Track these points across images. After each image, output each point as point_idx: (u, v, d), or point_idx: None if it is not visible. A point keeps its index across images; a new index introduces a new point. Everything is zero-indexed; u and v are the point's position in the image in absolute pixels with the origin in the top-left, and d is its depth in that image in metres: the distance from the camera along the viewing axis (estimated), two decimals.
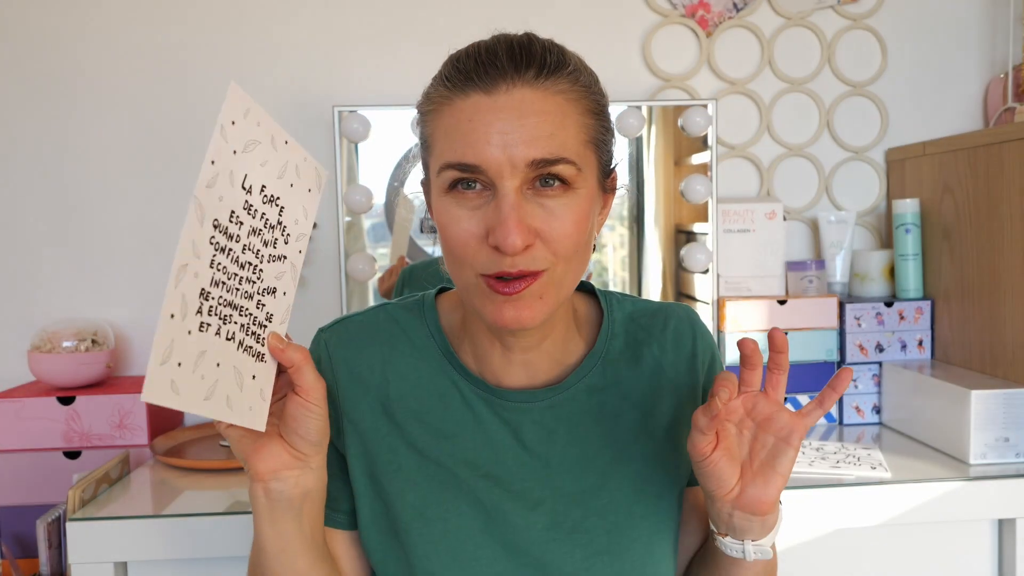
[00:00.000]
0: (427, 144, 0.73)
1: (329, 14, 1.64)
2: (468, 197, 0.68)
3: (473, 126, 0.67)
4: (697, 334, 0.84)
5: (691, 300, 1.62)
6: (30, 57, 1.61)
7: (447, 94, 0.69)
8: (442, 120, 0.69)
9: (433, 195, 0.72)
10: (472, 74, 0.67)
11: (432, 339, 0.80)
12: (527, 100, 0.67)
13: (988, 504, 1.24)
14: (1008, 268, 1.38)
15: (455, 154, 0.67)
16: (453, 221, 0.68)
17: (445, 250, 0.71)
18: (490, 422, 0.78)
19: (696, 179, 1.55)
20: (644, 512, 0.79)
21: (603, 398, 0.79)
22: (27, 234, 1.63)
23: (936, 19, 1.74)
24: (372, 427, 0.78)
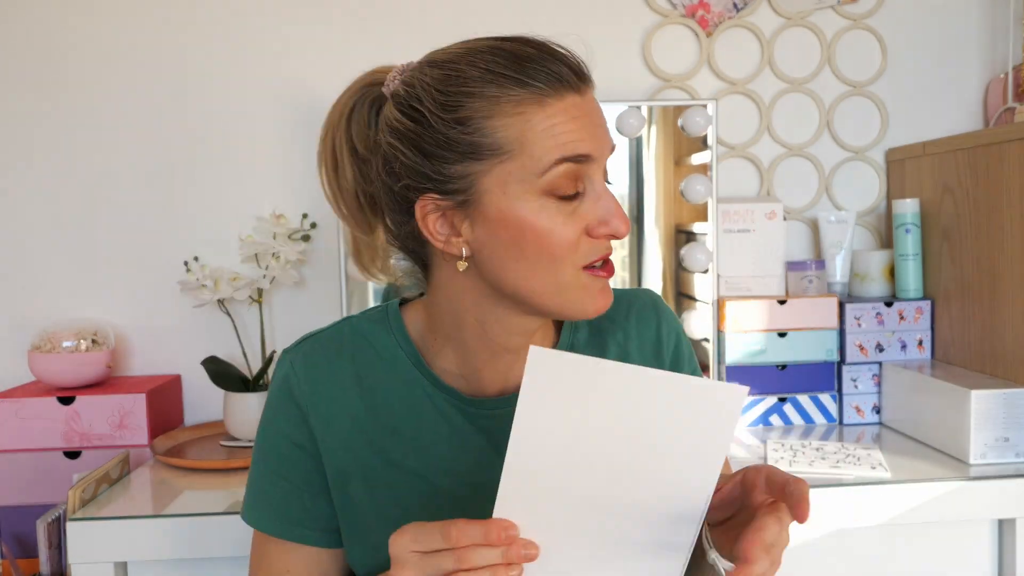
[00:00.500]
0: (502, 147, 0.68)
1: (329, 14, 1.64)
2: (568, 204, 0.70)
3: (579, 121, 0.69)
4: (661, 318, 0.86)
5: (691, 300, 1.62)
6: (30, 57, 1.61)
7: (539, 94, 0.68)
8: (537, 120, 0.68)
9: (511, 199, 0.69)
10: (565, 78, 0.69)
11: (400, 350, 0.79)
12: (595, 100, 0.73)
13: (988, 504, 1.24)
14: (1008, 268, 1.38)
15: (568, 148, 0.68)
16: (559, 226, 0.69)
17: (533, 255, 0.70)
18: (466, 430, 0.78)
19: (696, 179, 1.55)
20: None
21: None
22: (27, 234, 1.63)
23: (936, 19, 1.74)
24: (345, 445, 0.77)
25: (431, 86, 0.70)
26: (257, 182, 1.65)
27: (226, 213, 1.64)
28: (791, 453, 1.37)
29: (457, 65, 0.70)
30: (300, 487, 0.78)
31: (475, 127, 0.68)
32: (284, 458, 0.78)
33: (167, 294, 1.64)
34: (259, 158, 1.65)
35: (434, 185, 0.71)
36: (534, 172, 0.68)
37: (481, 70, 0.69)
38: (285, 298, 1.66)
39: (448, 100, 0.69)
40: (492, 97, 0.68)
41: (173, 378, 1.62)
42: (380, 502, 0.77)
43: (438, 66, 0.71)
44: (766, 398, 1.56)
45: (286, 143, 1.65)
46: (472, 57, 0.70)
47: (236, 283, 1.53)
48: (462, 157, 0.69)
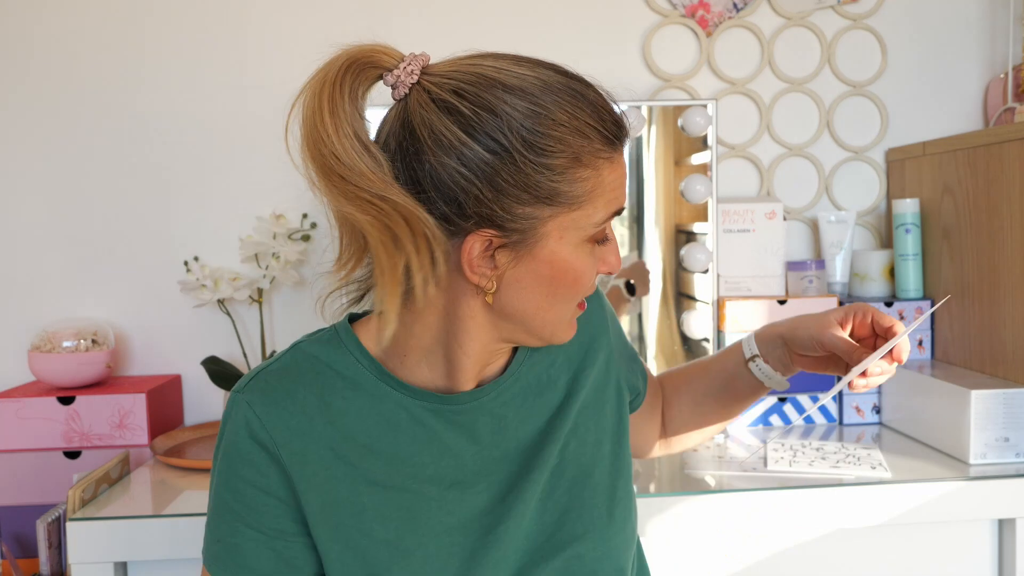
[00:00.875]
0: (578, 197, 0.69)
1: (329, 14, 1.64)
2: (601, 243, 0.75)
3: (622, 180, 0.74)
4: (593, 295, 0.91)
5: (691, 300, 1.62)
6: (30, 57, 1.61)
7: (609, 151, 0.72)
8: (605, 175, 0.71)
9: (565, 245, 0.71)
10: (622, 137, 0.73)
11: (360, 364, 0.76)
12: None
13: (988, 504, 1.24)
14: (1008, 268, 1.38)
15: (618, 202, 0.73)
16: (590, 267, 0.74)
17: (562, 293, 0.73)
18: (444, 431, 0.76)
19: (696, 179, 1.55)
20: (595, 459, 0.83)
21: (538, 371, 0.83)
22: (27, 234, 1.63)
23: (936, 19, 1.74)
24: (326, 477, 0.73)
25: (518, 121, 0.66)
26: (257, 182, 1.65)
27: (226, 213, 1.65)
28: (791, 453, 1.37)
29: (541, 102, 0.67)
30: (272, 536, 0.74)
31: (561, 175, 0.68)
32: (251, 508, 0.73)
33: (167, 294, 1.64)
34: (259, 158, 1.65)
35: (495, 219, 0.67)
36: (592, 223, 0.72)
37: (568, 115, 0.67)
38: (285, 298, 1.67)
39: (538, 141, 0.66)
40: (580, 147, 0.68)
41: (173, 378, 1.62)
42: (368, 527, 0.74)
43: (518, 95, 0.67)
44: (766, 398, 1.56)
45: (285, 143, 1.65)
46: (554, 96, 0.67)
47: (236, 283, 1.53)
48: (537, 200, 0.68)
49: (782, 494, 1.22)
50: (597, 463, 0.83)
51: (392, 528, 0.74)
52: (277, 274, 1.54)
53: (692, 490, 1.22)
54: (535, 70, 0.69)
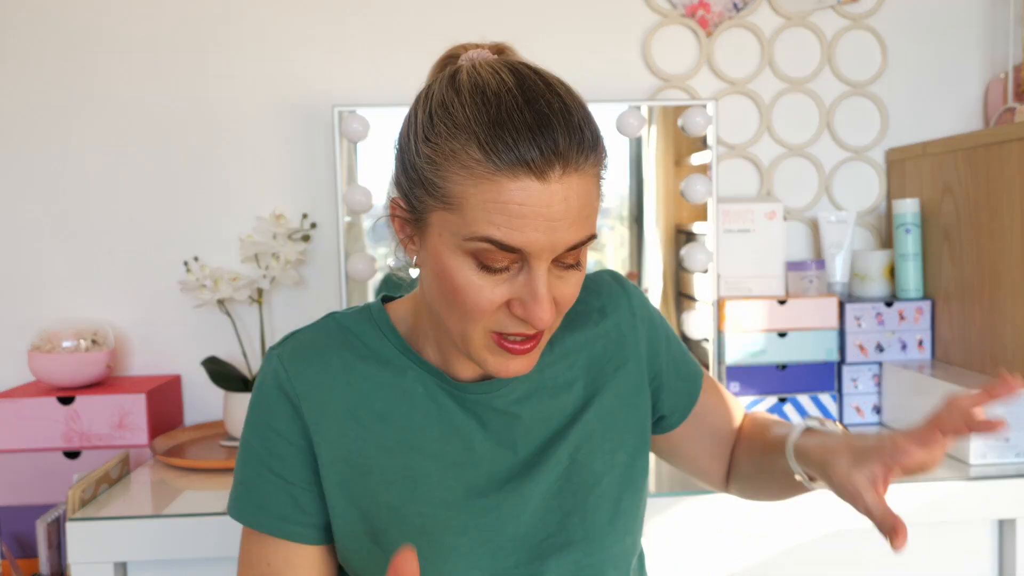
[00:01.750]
0: (447, 197, 0.68)
1: (329, 14, 1.64)
2: (495, 272, 0.68)
3: (523, 211, 0.65)
4: (626, 290, 0.88)
5: (691, 300, 1.62)
6: (30, 57, 1.61)
7: (491, 169, 0.65)
8: (481, 190, 0.66)
9: (443, 246, 0.69)
10: (527, 154, 0.65)
11: (386, 339, 0.81)
12: (574, 186, 0.67)
13: (988, 504, 1.24)
14: (1008, 268, 1.38)
15: (499, 233, 0.66)
16: (474, 289, 0.68)
17: (449, 300, 0.70)
18: (455, 412, 0.80)
19: (696, 179, 1.55)
20: (605, 468, 0.82)
21: (554, 372, 0.83)
22: (27, 234, 1.63)
23: (936, 19, 1.74)
24: (340, 433, 0.78)
25: (428, 108, 0.70)
26: (257, 182, 1.65)
27: (226, 213, 1.65)
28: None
29: (460, 98, 0.68)
30: (290, 482, 0.78)
31: (434, 168, 0.68)
32: (273, 454, 0.78)
33: (167, 294, 1.64)
34: (259, 158, 1.65)
35: (403, 193, 0.73)
36: (462, 234, 0.67)
37: (467, 117, 0.66)
38: (285, 298, 1.67)
39: (427, 130, 0.69)
40: (456, 148, 0.66)
41: (173, 378, 1.62)
42: (372, 489, 0.78)
43: (454, 88, 0.69)
44: (766, 398, 1.56)
45: (286, 143, 1.65)
46: (476, 98, 0.67)
47: (236, 283, 1.53)
48: (420, 185, 0.69)
49: None
50: (608, 471, 0.83)
51: (395, 493, 0.78)
52: (277, 274, 1.54)
53: (692, 490, 1.22)
54: (500, 78, 0.68)
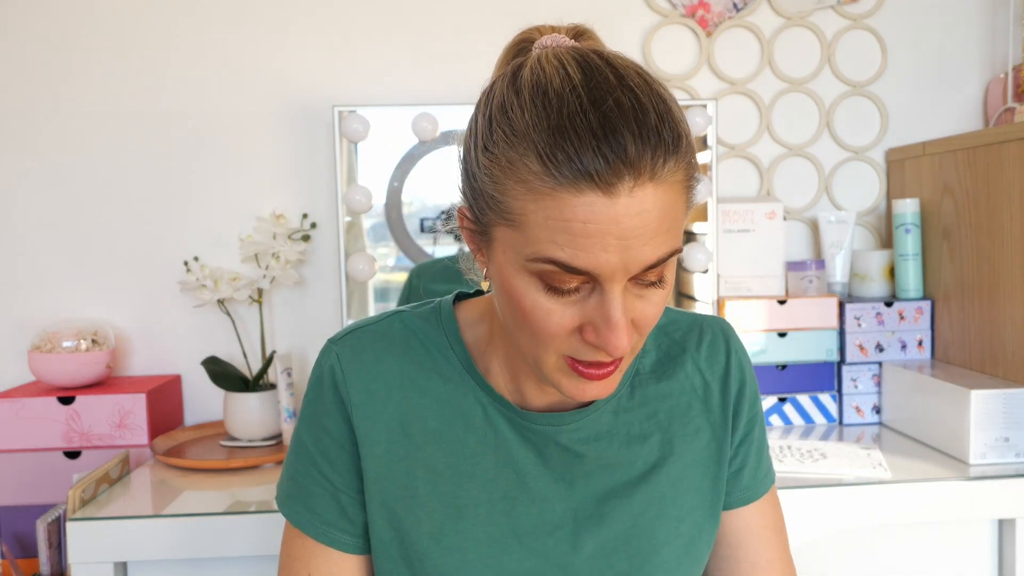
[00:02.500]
0: (508, 213, 0.61)
1: (329, 14, 1.64)
2: (565, 294, 0.61)
3: (589, 230, 0.57)
4: (732, 351, 0.80)
5: (691, 300, 1.62)
6: (30, 56, 1.61)
7: (552, 184, 0.57)
8: (542, 207, 0.58)
9: (508, 264, 0.63)
10: (590, 170, 0.56)
11: (452, 351, 0.75)
12: (650, 198, 0.58)
13: (988, 504, 1.24)
14: (1008, 268, 1.38)
15: (564, 254, 0.58)
16: (543, 313, 0.62)
17: (519, 324, 0.64)
18: (513, 442, 0.74)
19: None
20: (667, 537, 0.75)
21: (630, 419, 0.76)
22: (27, 234, 1.63)
23: (936, 19, 1.74)
24: (388, 449, 0.74)
25: (495, 108, 0.62)
26: (257, 182, 1.65)
27: (226, 213, 1.65)
28: (797, 455, 1.37)
29: (520, 99, 0.60)
30: (338, 488, 0.75)
31: (494, 180, 0.61)
32: (325, 455, 0.75)
33: (167, 294, 1.64)
34: (259, 158, 1.65)
35: (467, 202, 0.66)
36: (524, 254, 0.60)
37: (526, 124, 0.59)
38: (285, 298, 1.67)
39: (488, 137, 0.62)
40: (514, 159, 0.59)
41: (173, 378, 1.62)
42: (415, 514, 0.73)
43: (515, 88, 0.61)
44: (766, 398, 1.56)
45: (286, 143, 1.65)
46: (537, 100, 0.59)
47: (236, 283, 1.53)
48: (481, 196, 0.63)
49: (782, 494, 1.22)
50: (670, 542, 0.75)
51: (437, 521, 0.73)
52: (277, 274, 1.54)
53: None
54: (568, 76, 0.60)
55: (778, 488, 1.21)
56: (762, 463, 0.82)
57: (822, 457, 1.34)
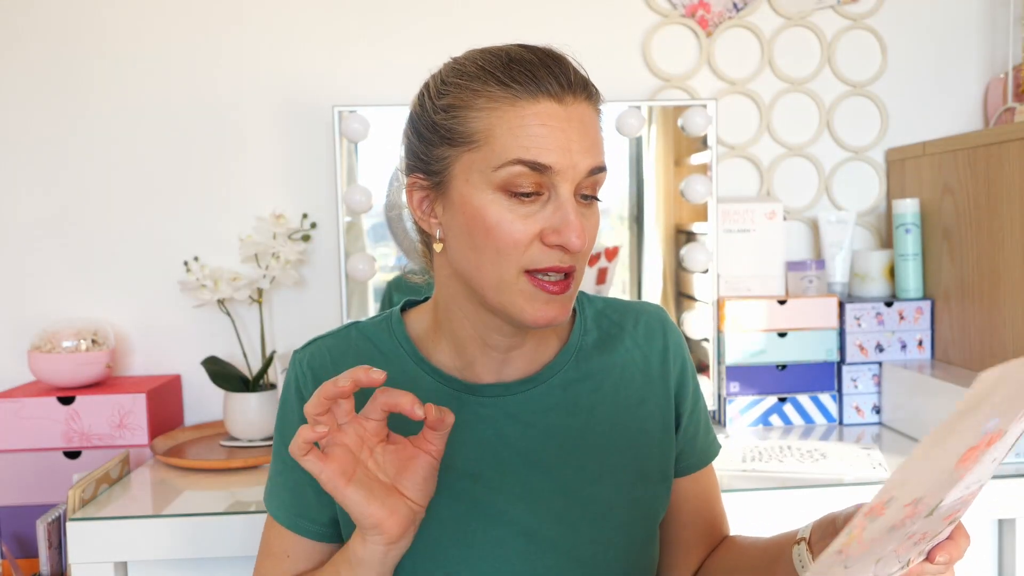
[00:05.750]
0: (471, 136, 0.72)
1: (329, 14, 1.64)
2: (524, 203, 0.72)
3: (549, 130, 0.71)
4: (667, 331, 0.88)
5: (691, 300, 1.62)
6: (30, 57, 1.61)
7: (513, 94, 0.71)
8: (505, 118, 0.71)
9: (472, 189, 0.72)
10: (544, 83, 0.71)
11: (401, 348, 0.83)
12: (586, 115, 0.73)
13: (988, 504, 1.24)
14: (1008, 268, 1.38)
15: (529, 153, 0.70)
16: (506, 222, 0.71)
17: (481, 246, 0.72)
18: (467, 421, 0.79)
19: (696, 179, 1.55)
20: (624, 502, 0.81)
21: (578, 391, 0.82)
22: (27, 234, 1.63)
23: (936, 19, 1.74)
24: None
25: (438, 76, 0.76)
26: (257, 182, 1.65)
27: (226, 213, 1.65)
28: (797, 455, 1.37)
29: (465, 61, 0.74)
30: (308, 482, 0.80)
31: (454, 115, 0.73)
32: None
33: (167, 294, 1.64)
34: (259, 158, 1.65)
35: (421, 165, 0.76)
36: (492, 165, 0.71)
37: (477, 67, 0.73)
38: (285, 298, 1.66)
39: (441, 89, 0.74)
40: (474, 90, 0.72)
41: (173, 378, 1.62)
42: None
43: (454, 60, 0.76)
44: (766, 398, 1.56)
45: (286, 143, 1.65)
46: (481, 56, 0.74)
47: (236, 283, 1.53)
48: (441, 141, 0.74)
49: (782, 494, 1.22)
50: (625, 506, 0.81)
51: None
52: (277, 274, 1.54)
53: None
54: (497, 46, 0.75)
55: (779, 488, 1.22)
56: (710, 431, 0.92)
57: (822, 457, 1.34)
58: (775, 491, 1.22)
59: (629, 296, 1.61)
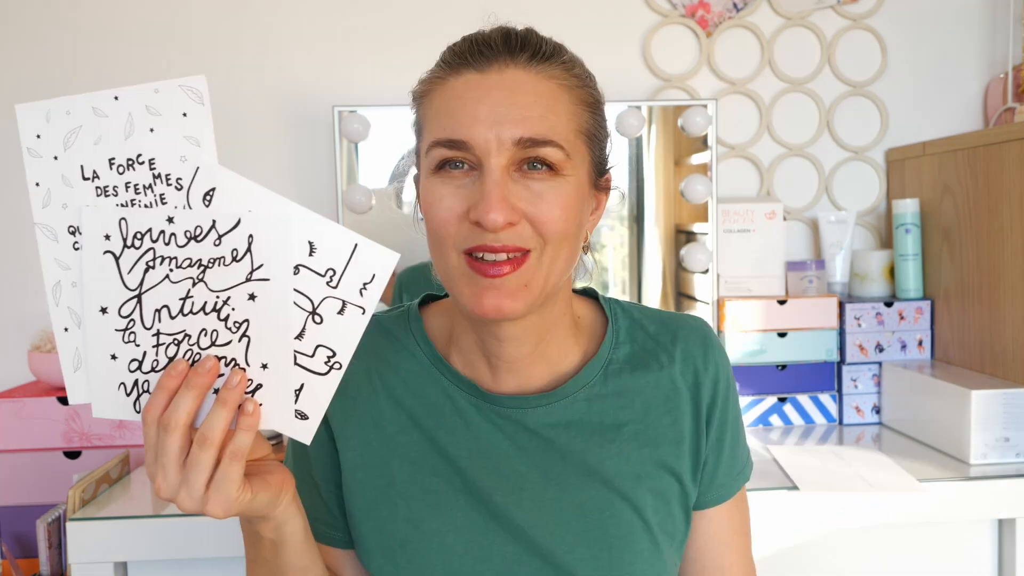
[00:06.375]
0: (419, 129, 0.73)
1: (329, 14, 1.64)
2: (454, 176, 0.68)
3: (463, 103, 0.67)
4: (708, 351, 0.80)
5: (691, 300, 1.62)
6: (30, 54, 1.61)
7: (440, 75, 0.70)
8: (433, 101, 0.70)
9: (421, 178, 0.72)
10: (466, 54, 0.69)
11: (419, 347, 0.78)
12: (519, 81, 0.68)
13: (988, 504, 1.24)
14: (1008, 268, 1.38)
15: (443, 131, 0.67)
16: (436, 200, 0.68)
17: (429, 234, 0.70)
18: (484, 430, 0.75)
19: (696, 179, 1.55)
20: (645, 526, 0.75)
21: (603, 408, 0.76)
22: (27, 234, 1.63)
23: (936, 19, 1.74)
24: (362, 442, 0.76)
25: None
26: (257, 182, 1.65)
27: None
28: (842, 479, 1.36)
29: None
30: (319, 483, 0.78)
31: (415, 107, 0.73)
32: (306, 452, 0.79)
33: None
34: (259, 158, 1.65)
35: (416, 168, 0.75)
36: (424, 149, 0.70)
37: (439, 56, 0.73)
38: None
39: (418, 82, 0.75)
40: (420, 79, 0.73)
41: None
42: (392, 501, 0.75)
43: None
44: (766, 398, 1.56)
45: (286, 143, 1.65)
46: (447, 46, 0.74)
47: None
48: (416, 136, 0.74)
49: (782, 494, 1.22)
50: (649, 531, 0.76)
51: (414, 508, 0.75)
52: None
53: None
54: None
55: (778, 488, 1.22)
56: (735, 462, 0.82)
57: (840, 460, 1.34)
58: (775, 491, 1.22)
59: (628, 297, 1.61)
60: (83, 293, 0.60)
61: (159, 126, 0.61)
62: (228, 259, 0.60)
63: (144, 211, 0.60)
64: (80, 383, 0.62)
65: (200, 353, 0.61)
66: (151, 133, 0.60)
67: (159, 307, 0.61)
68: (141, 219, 0.60)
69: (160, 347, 0.61)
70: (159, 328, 0.61)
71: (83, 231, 0.60)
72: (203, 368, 0.60)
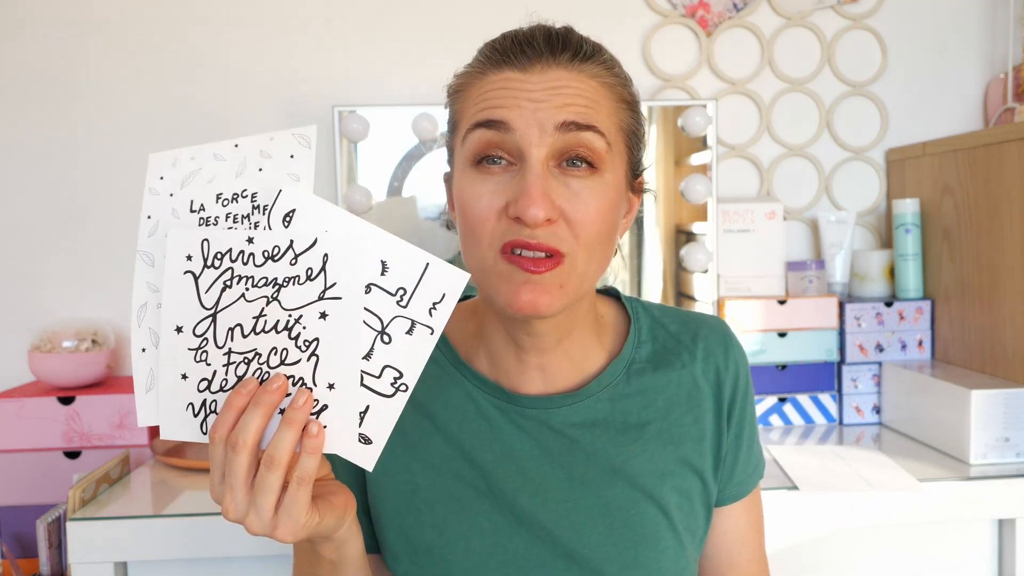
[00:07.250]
0: (454, 124, 0.72)
1: (329, 14, 1.64)
2: (493, 172, 0.67)
3: (506, 92, 0.67)
4: (729, 350, 0.81)
5: (691, 300, 1.62)
6: (31, 56, 1.61)
7: (479, 69, 0.69)
8: (471, 93, 0.69)
9: (456, 173, 0.71)
10: (509, 53, 0.68)
11: (439, 350, 0.78)
12: (562, 79, 0.67)
13: (988, 504, 1.24)
14: (1008, 268, 1.38)
15: (483, 113, 0.67)
16: (475, 196, 0.67)
17: (463, 231, 0.69)
18: (508, 431, 0.75)
19: (696, 179, 1.55)
20: (670, 524, 0.76)
21: (627, 408, 0.77)
22: (27, 234, 1.63)
23: (936, 19, 1.74)
24: (386, 449, 0.74)
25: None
26: None
27: None
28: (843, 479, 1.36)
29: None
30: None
31: (449, 103, 0.73)
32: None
33: None
34: None
35: (448, 166, 0.75)
36: (461, 141, 0.69)
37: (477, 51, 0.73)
38: None
39: (454, 77, 0.74)
40: (458, 76, 0.72)
41: None
42: (417, 507, 0.75)
43: None
44: (766, 398, 1.56)
45: None
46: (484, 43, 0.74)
47: None
48: (450, 133, 0.74)
49: (782, 494, 1.22)
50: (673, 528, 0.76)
51: (439, 513, 0.75)
52: None
53: None
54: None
55: (778, 488, 1.22)
56: (751, 459, 0.83)
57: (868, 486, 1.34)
58: (775, 491, 1.22)
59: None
60: (161, 312, 0.61)
61: (268, 167, 0.63)
62: (303, 278, 0.60)
63: (226, 232, 0.60)
64: (151, 404, 0.62)
65: (269, 372, 0.61)
66: (259, 172, 0.63)
67: (232, 325, 0.61)
68: (222, 239, 0.60)
69: (230, 366, 0.61)
70: (231, 347, 0.61)
71: (168, 252, 0.60)
72: (272, 386, 0.59)
